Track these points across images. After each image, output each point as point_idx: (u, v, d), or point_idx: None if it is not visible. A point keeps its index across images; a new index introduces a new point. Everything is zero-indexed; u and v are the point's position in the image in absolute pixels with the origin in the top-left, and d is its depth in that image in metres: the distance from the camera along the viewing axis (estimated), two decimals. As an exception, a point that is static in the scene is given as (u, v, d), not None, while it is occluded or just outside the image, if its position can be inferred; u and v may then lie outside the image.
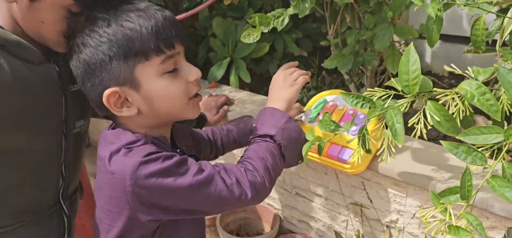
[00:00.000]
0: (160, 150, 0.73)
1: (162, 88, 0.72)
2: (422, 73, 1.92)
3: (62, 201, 0.87)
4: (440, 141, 0.72)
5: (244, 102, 1.52)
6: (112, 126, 0.79)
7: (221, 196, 0.74)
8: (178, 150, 0.82)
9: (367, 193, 1.15)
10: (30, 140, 0.77)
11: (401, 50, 1.63)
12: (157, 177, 0.69)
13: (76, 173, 0.91)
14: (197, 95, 0.77)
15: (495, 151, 0.73)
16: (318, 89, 1.71)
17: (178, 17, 1.56)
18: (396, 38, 1.35)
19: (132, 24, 0.69)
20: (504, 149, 0.65)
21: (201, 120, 1.22)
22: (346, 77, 1.56)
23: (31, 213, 0.82)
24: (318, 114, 1.09)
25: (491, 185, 0.62)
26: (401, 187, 1.06)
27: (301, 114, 1.11)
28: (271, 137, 0.86)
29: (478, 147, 0.69)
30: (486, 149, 0.74)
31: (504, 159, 0.70)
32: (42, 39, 0.77)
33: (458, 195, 0.65)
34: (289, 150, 0.87)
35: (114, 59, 0.69)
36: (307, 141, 0.88)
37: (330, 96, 1.14)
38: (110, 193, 0.73)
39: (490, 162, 0.69)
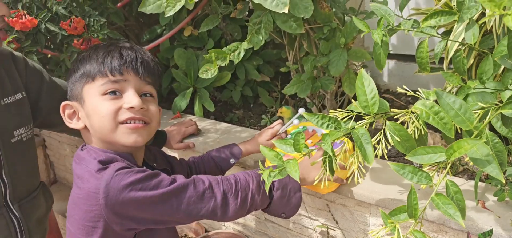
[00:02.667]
0: (132, 165, 0.79)
1: (95, 105, 0.81)
2: (381, 92, 1.99)
3: (10, 204, 0.92)
4: (388, 162, 0.75)
5: (208, 131, 1.52)
6: (81, 148, 0.86)
7: (190, 202, 0.79)
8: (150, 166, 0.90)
9: (332, 215, 1.17)
10: None
11: (357, 72, 1.69)
12: (130, 189, 0.74)
13: (24, 177, 0.96)
14: (131, 122, 0.82)
15: (448, 167, 0.77)
16: (282, 113, 1.74)
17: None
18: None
19: (96, 51, 0.83)
20: (448, 167, 0.69)
21: (161, 140, 1.30)
22: (307, 100, 1.60)
23: None
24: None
25: (435, 202, 0.65)
26: (363, 207, 1.08)
27: (282, 127, 1.16)
28: (258, 175, 0.89)
29: (427, 166, 0.72)
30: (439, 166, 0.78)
31: (452, 175, 0.74)
32: None
33: (406, 213, 0.68)
34: (280, 196, 0.90)
35: (72, 76, 0.84)
36: (300, 200, 0.91)
37: (311, 126, 1.17)
38: (84, 208, 0.77)
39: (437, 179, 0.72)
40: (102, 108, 0.80)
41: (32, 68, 0.99)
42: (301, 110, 1.16)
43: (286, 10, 0.87)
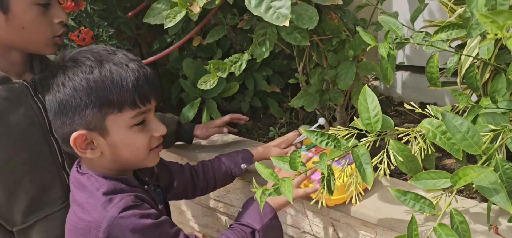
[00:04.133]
0: (138, 201, 0.76)
1: (128, 139, 0.76)
2: (395, 104, 1.92)
3: (68, 170, 0.94)
4: (389, 189, 0.70)
5: (215, 142, 1.50)
6: (78, 167, 0.82)
7: None
8: (144, 185, 0.87)
9: (337, 234, 1.13)
10: (12, 154, 0.85)
11: (369, 84, 1.64)
12: (132, 235, 0.72)
13: None
14: (158, 146, 0.82)
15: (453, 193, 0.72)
16: (292, 125, 1.71)
17: (150, 59, 1.55)
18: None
19: (114, 76, 0.72)
20: (453, 196, 0.64)
21: (188, 134, 1.34)
22: (318, 112, 1.56)
23: (40, 210, 0.90)
24: (311, 147, 1.09)
25: (438, 233, 0.61)
26: (369, 227, 1.04)
27: (299, 138, 1.15)
28: (252, 232, 0.88)
29: (431, 191, 0.68)
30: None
31: (465, 195, 0.69)
32: (30, 46, 0.87)
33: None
34: None
35: (89, 107, 0.72)
36: None
37: None
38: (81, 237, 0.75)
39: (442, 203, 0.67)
40: (137, 141, 0.77)
41: None
42: (321, 120, 1.14)
43: (286, 23, 0.84)
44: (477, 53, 0.97)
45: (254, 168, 1.08)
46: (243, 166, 1.10)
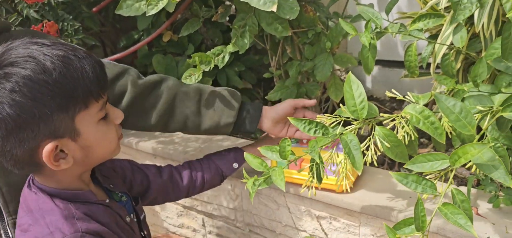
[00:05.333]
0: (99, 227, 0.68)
1: (99, 134, 0.70)
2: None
3: None
4: (390, 172, 0.71)
5: (189, 139, 1.46)
6: (29, 183, 0.71)
7: None
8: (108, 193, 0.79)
9: (320, 225, 1.13)
10: None
11: (342, 78, 1.66)
12: None
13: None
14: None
15: (443, 176, 0.73)
16: (265, 121, 1.70)
17: (117, 55, 1.49)
18: (337, 66, 1.37)
19: (71, 70, 0.62)
20: (452, 175, 0.65)
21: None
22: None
23: None
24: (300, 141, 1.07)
25: (443, 213, 0.62)
26: (353, 216, 1.05)
27: None
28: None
29: (426, 175, 0.69)
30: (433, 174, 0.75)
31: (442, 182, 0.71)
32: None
33: (413, 226, 0.64)
34: None
35: (55, 111, 0.62)
36: None
37: None
38: None
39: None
40: (108, 134, 0.71)
41: None
42: None
43: (274, 9, 0.83)
44: (451, 42, 1.00)
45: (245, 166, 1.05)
46: (235, 165, 1.02)
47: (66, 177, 0.70)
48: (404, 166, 0.68)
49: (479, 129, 0.74)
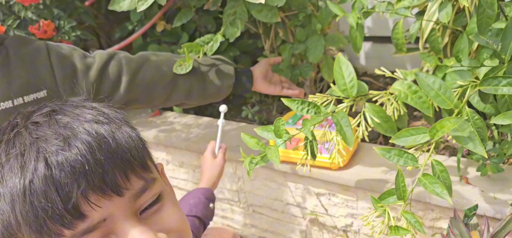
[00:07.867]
0: None
1: None
2: (359, 75, 2.00)
3: None
4: (374, 147, 0.75)
5: (190, 126, 1.50)
6: None
7: None
8: None
9: (320, 201, 1.18)
10: None
11: (335, 57, 1.69)
12: None
13: None
14: None
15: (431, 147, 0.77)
16: (262, 103, 1.73)
17: (113, 48, 1.52)
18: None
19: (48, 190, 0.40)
20: (432, 147, 0.69)
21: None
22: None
23: None
24: (299, 119, 1.11)
25: (422, 183, 0.66)
26: (350, 191, 1.09)
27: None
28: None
29: (411, 147, 0.73)
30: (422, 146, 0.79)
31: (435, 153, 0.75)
32: None
33: (396, 196, 0.69)
34: None
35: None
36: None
37: None
38: None
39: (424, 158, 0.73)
40: None
41: None
42: (223, 108, 1.08)
43: (262, 0, 0.86)
44: (437, 18, 1.02)
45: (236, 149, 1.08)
46: (211, 205, 0.97)
47: None
48: (389, 141, 0.72)
49: (469, 104, 0.77)
